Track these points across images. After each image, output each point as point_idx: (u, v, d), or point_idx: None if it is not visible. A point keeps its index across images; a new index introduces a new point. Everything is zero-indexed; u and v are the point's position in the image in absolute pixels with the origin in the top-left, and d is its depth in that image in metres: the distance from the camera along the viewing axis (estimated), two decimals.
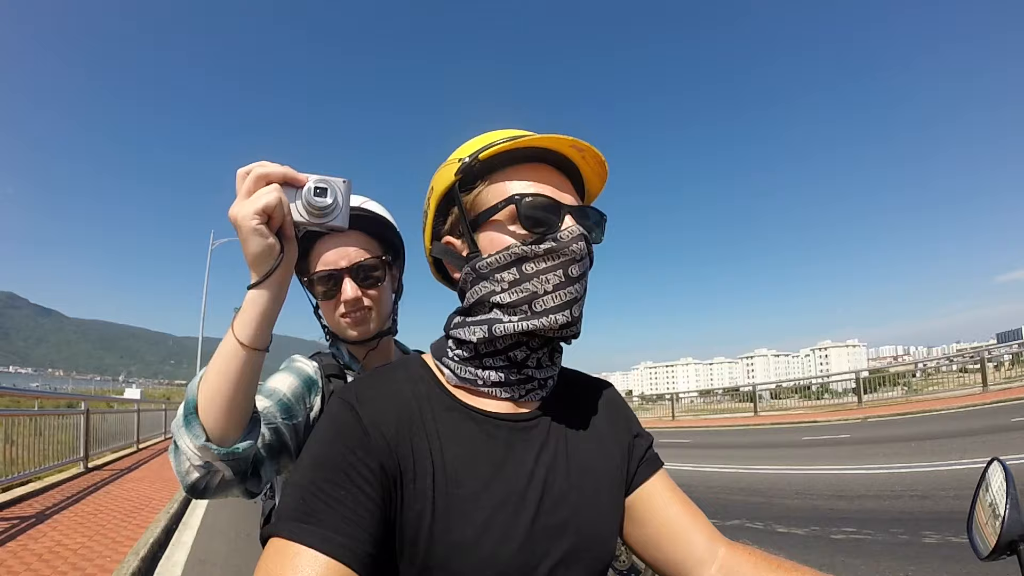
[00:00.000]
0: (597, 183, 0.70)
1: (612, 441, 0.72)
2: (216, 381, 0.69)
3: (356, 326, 1.03)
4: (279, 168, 0.65)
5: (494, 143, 0.63)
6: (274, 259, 0.66)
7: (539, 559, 0.58)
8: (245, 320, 0.68)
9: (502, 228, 0.63)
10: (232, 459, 0.73)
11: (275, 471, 0.89)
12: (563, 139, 0.62)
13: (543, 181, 0.64)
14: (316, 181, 0.65)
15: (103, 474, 8.23)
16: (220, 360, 0.69)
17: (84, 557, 3.97)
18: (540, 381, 0.67)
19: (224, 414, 0.70)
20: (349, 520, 0.52)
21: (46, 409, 7.68)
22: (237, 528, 5.57)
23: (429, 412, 0.62)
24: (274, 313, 0.70)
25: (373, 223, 1.05)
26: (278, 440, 0.89)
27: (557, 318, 0.61)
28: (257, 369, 0.72)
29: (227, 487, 0.78)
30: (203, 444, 0.70)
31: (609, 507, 0.68)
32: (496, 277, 0.63)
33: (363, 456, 0.55)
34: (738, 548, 0.68)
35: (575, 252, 0.61)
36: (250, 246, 0.65)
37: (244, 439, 0.74)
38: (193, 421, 0.71)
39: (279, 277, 0.68)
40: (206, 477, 0.74)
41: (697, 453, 10.49)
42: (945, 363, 19.89)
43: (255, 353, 0.70)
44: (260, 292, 0.68)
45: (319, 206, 0.65)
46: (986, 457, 0.96)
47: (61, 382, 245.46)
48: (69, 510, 5.68)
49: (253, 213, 0.63)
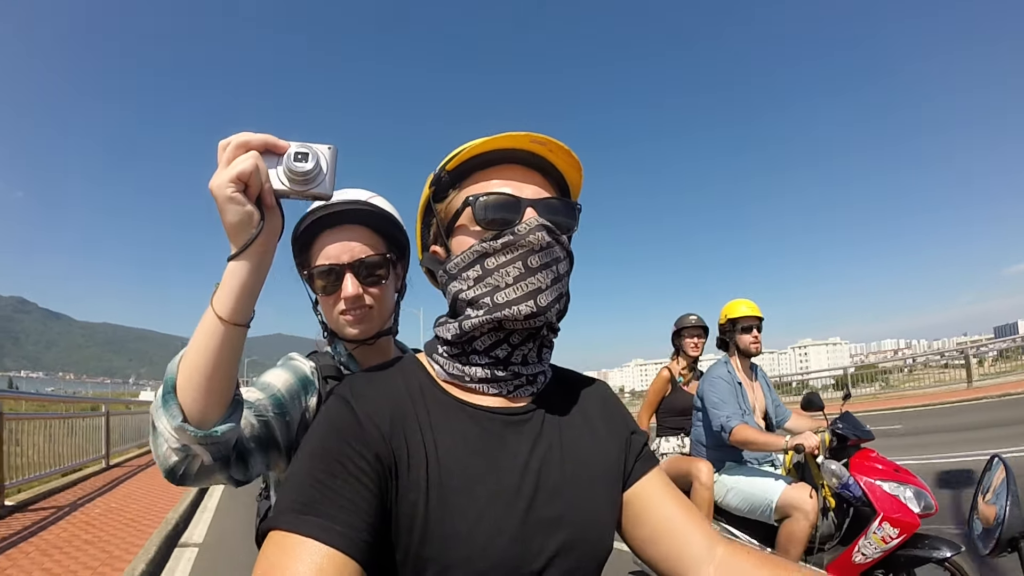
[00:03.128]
0: (574, 174, 0.70)
1: (608, 436, 0.72)
2: (194, 358, 0.67)
3: (356, 324, 1.00)
4: (259, 136, 0.63)
5: (460, 152, 0.66)
6: (253, 228, 0.63)
7: (533, 551, 0.58)
8: (224, 293, 0.65)
9: (466, 231, 0.66)
10: (211, 442, 0.70)
11: (264, 465, 0.86)
12: (519, 136, 0.63)
13: (507, 179, 0.65)
14: (297, 147, 0.63)
15: (123, 470, 9.00)
16: (199, 336, 0.67)
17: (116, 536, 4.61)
18: (528, 377, 0.67)
19: (203, 393, 0.67)
20: (347, 510, 0.52)
21: (72, 412, 8.21)
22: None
23: (422, 405, 0.62)
24: (255, 286, 0.67)
25: (379, 219, 1.02)
26: (268, 433, 0.86)
27: (520, 308, 0.61)
28: (237, 346, 0.68)
29: (208, 473, 0.75)
30: (179, 425, 0.67)
31: (604, 501, 0.67)
32: (463, 276, 0.65)
33: (359, 447, 0.55)
34: (737, 547, 0.67)
35: (533, 243, 0.62)
36: (227, 215, 0.62)
37: (224, 422, 0.70)
38: (171, 401, 0.68)
39: (260, 248, 0.64)
40: (185, 461, 0.71)
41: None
42: (936, 358, 20.02)
43: (235, 329, 0.67)
44: (239, 264, 0.64)
45: (300, 171, 0.62)
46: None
47: (74, 386, 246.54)
48: (100, 499, 6.42)
49: (228, 181, 0.60)
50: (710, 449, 2.94)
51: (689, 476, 2.82)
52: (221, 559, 4.46)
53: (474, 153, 0.65)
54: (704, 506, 2.73)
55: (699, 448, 3.02)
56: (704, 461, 2.85)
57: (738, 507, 2.71)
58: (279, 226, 0.67)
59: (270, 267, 0.68)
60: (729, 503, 2.76)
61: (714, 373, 2.95)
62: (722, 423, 2.70)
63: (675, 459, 3.13)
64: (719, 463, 2.88)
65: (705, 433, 2.96)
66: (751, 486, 2.68)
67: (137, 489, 7.21)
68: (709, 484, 2.76)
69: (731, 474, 2.82)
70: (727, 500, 2.77)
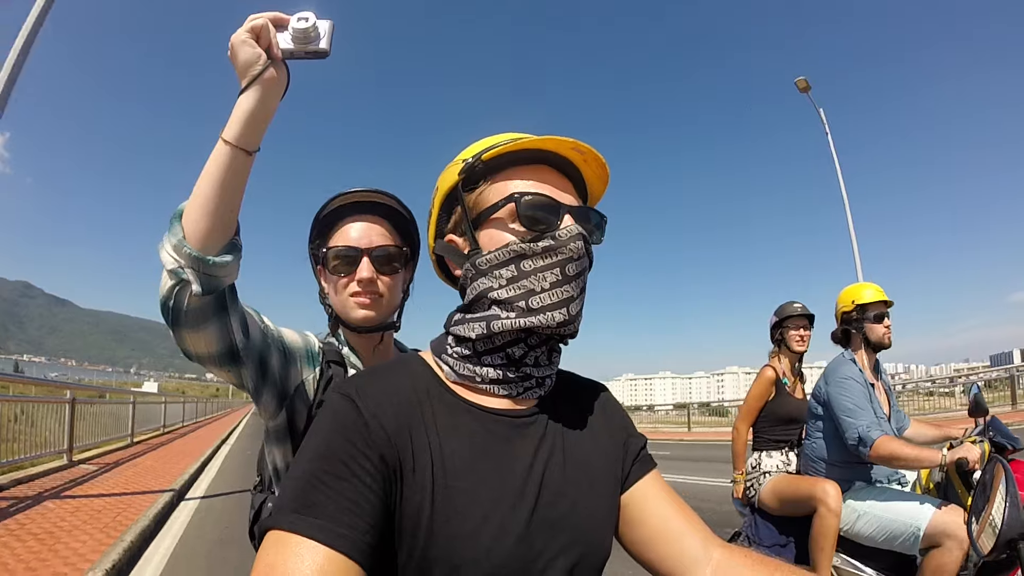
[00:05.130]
0: (599, 185, 0.70)
1: (608, 439, 0.72)
2: (201, 183, 0.73)
3: (364, 308, 1.00)
4: (269, 12, 0.75)
5: (498, 144, 0.65)
6: (261, 65, 0.73)
7: (537, 553, 0.58)
8: (233, 121, 0.74)
9: (502, 226, 0.64)
10: (203, 269, 0.73)
11: (255, 367, 0.88)
12: (564, 141, 0.63)
13: (544, 181, 0.65)
14: (300, 13, 0.75)
15: (142, 447, 10.79)
16: (208, 164, 0.74)
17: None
18: (538, 379, 0.66)
19: (204, 215, 0.73)
20: (349, 511, 0.51)
21: (95, 398, 9.25)
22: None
23: (428, 406, 0.61)
24: (260, 115, 0.75)
25: (400, 216, 1.06)
26: (265, 346, 0.90)
27: (554, 315, 0.61)
28: (241, 172, 0.75)
29: (201, 314, 0.77)
30: (178, 241, 0.73)
31: (606, 503, 0.67)
32: (494, 274, 0.63)
33: (363, 447, 0.54)
34: (733, 550, 0.67)
35: (572, 251, 0.62)
36: (239, 56, 0.73)
37: (221, 254, 0.75)
38: (175, 223, 0.74)
39: (265, 84, 0.74)
40: (176, 287, 0.74)
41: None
42: (927, 384, 20.05)
43: (240, 153, 0.74)
44: (247, 96, 0.74)
45: (300, 29, 0.74)
46: None
47: (77, 372, 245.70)
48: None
49: (243, 31, 0.73)
50: (834, 466, 2.40)
51: (812, 500, 2.29)
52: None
53: (516, 148, 0.64)
54: (831, 536, 2.21)
55: (816, 465, 2.47)
56: (830, 482, 2.30)
57: (871, 536, 2.18)
58: (284, 78, 0.77)
59: (273, 108, 0.76)
60: (860, 532, 2.21)
61: (841, 372, 2.37)
62: (860, 434, 2.17)
63: (790, 480, 2.55)
64: (845, 484, 2.33)
65: (828, 447, 2.42)
66: (889, 511, 2.14)
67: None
68: (838, 510, 2.23)
69: (860, 497, 2.27)
70: (856, 528, 2.22)
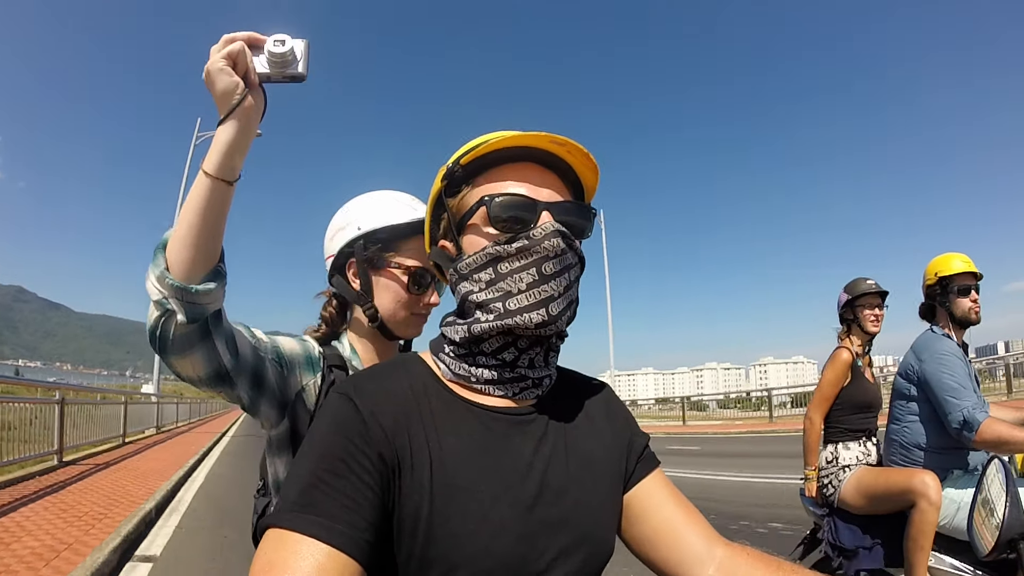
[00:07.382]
0: (590, 176, 0.68)
1: (611, 437, 0.71)
2: (183, 214, 0.74)
3: (416, 327, 1.03)
4: (244, 33, 0.73)
5: (477, 146, 0.63)
6: (239, 95, 0.72)
7: (537, 552, 0.58)
8: (212, 152, 0.73)
9: (478, 230, 0.64)
10: (187, 299, 0.73)
11: (249, 385, 0.86)
12: (540, 136, 0.61)
13: (524, 180, 0.63)
14: (275, 36, 0.73)
15: (136, 445, 11.13)
16: (190, 195, 0.74)
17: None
18: (534, 380, 0.65)
19: (186, 246, 0.73)
20: (349, 509, 0.51)
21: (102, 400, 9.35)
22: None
23: (427, 404, 0.61)
24: (240, 145, 0.74)
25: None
26: (259, 365, 0.87)
27: (532, 316, 0.60)
28: (222, 202, 0.74)
29: (187, 341, 0.76)
30: (161, 272, 0.72)
31: (608, 502, 0.67)
32: (474, 277, 0.63)
33: (362, 446, 0.54)
34: (736, 549, 0.66)
35: (548, 249, 0.60)
36: (217, 85, 0.71)
37: (204, 282, 0.74)
38: (159, 255, 0.74)
39: (243, 114, 0.73)
40: (163, 317, 0.74)
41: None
42: None
43: (219, 183, 0.73)
44: (226, 126, 0.73)
45: (277, 53, 0.72)
46: None
47: (75, 376, 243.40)
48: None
49: (219, 57, 0.71)
50: (932, 453, 2.13)
51: (909, 494, 2.01)
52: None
53: (490, 149, 0.63)
54: (931, 533, 1.96)
55: (911, 453, 2.19)
56: (929, 472, 2.02)
57: None
58: (262, 103, 0.76)
59: (252, 136, 0.75)
60: (959, 526, 1.93)
61: (939, 347, 2.12)
62: (965, 416, 1.93)
63: (879, 473, 2.26)
64: (942, 472, 2.07)
65: (927, 431, 2.14)
66: None
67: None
68: (939, 503, 1.95)
69: (960, 486, 2.03)
70: (956, 522, 1.97)
